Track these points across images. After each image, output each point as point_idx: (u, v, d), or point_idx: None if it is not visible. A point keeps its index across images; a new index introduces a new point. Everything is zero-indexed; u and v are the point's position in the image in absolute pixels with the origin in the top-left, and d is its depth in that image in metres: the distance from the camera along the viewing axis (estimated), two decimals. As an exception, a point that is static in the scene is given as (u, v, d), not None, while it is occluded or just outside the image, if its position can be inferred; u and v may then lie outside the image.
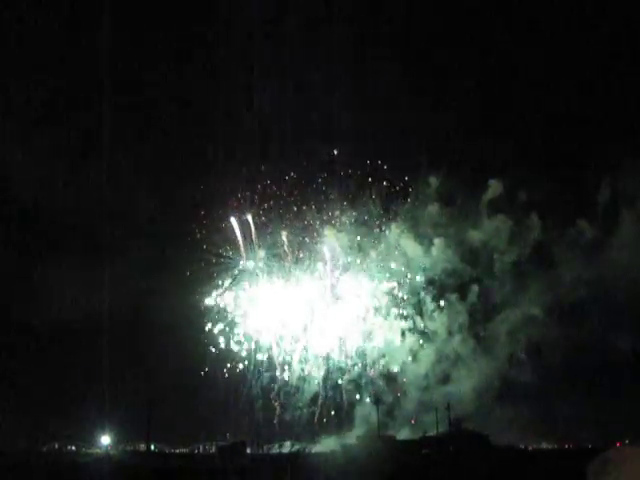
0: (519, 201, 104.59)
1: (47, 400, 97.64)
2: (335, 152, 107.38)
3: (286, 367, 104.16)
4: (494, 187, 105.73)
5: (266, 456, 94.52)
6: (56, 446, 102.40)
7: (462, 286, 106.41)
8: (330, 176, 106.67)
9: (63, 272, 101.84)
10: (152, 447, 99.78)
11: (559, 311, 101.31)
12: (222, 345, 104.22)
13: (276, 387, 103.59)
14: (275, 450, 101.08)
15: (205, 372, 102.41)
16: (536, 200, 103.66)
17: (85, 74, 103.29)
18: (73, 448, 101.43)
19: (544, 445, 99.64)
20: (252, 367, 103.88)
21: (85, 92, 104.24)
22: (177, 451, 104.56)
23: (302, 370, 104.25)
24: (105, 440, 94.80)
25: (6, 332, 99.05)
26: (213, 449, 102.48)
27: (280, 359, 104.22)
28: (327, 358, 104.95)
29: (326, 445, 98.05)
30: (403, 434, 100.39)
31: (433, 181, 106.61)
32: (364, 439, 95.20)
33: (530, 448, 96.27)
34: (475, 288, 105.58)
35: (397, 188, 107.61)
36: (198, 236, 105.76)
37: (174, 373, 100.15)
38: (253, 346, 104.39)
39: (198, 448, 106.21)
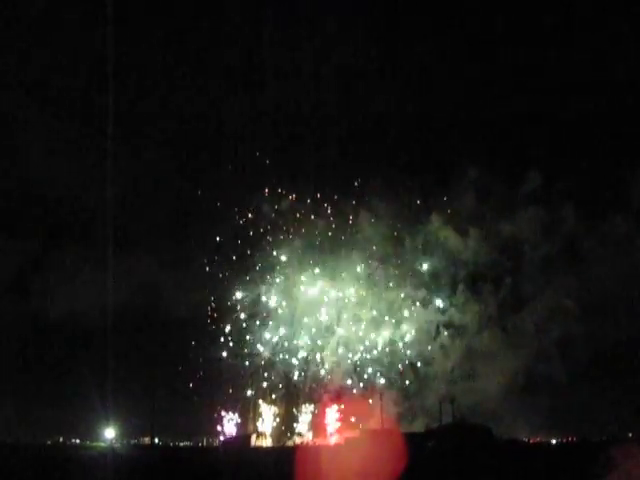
0: (555, 193, 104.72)
1: (51, 394, 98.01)
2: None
3: (316, 356, 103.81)
4: (532, 178, 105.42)
5: (270, 449, 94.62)
6: (60, 439, 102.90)
7: (495, 278, 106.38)
8: (368, 165, 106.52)
9: (74, 265, 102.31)
10: (156, 440, 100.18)
11: (589, 305, 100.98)
12: (247, 338, 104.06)
13: (301, 378, 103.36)
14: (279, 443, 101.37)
15: (216, 365, 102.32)
16: (572, 192, 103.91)
17: (107, 66, 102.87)
18: (77, 441, 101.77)
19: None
20: (278, 359, 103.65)
21: (106, 83, 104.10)
22: (181, 444, 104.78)
23: (333, 362, 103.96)
24: (109, 433, 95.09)
25: (14, 324, 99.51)
26: (217, 443, 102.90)
27: (311, 352, 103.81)
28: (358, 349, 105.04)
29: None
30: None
31: (471, 171, 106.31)
32: (367, 432, 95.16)
33: (532, 441, 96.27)
34: (508, 280, 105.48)
35: (436, 178, 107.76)
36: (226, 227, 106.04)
37: (181, 366, 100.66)
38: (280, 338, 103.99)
39: (202, 441, 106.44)
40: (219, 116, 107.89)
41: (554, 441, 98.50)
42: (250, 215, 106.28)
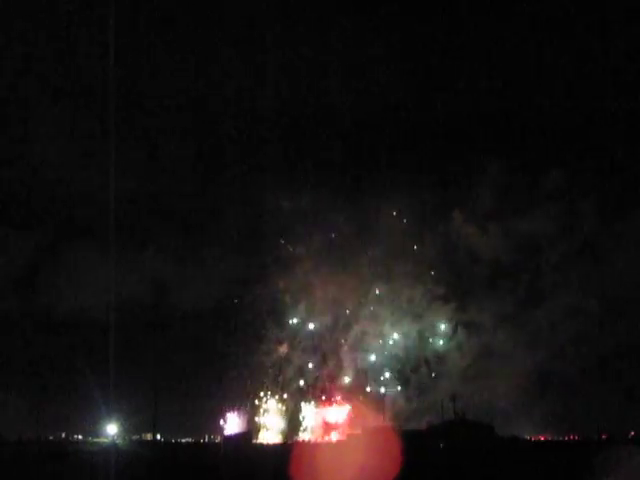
0: (576, 191, 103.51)
1: (54, 390, 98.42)
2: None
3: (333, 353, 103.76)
4: (553, 176, 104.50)
5: (271, 446, 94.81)
6: (63, 435, 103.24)
7: (513, 276, 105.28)
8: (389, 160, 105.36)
9: (81, 262, 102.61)
10: (158, 437, 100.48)
11: (605, 305, 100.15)
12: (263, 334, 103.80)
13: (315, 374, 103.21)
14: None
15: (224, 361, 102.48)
16: (592, 190, 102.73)
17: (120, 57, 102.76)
18: (80, 437, 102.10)
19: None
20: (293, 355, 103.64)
21: (119, 74, 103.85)
22: (183, 441, 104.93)
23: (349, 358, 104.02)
24: (111, 429, 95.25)
25: (20, 320, 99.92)
26: (218, 439, 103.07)
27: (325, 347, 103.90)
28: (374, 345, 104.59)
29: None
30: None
31: (493, 168, 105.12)
32: (369, 430, 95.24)
33: (533, 439, 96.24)
34: (525, 278, 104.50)
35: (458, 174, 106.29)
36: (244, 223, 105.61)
37: (186, 362, 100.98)
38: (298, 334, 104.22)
39: (203, 438, 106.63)
40: (237, 111, 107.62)
41: (555, 439, 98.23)
42: (269, 210, 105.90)
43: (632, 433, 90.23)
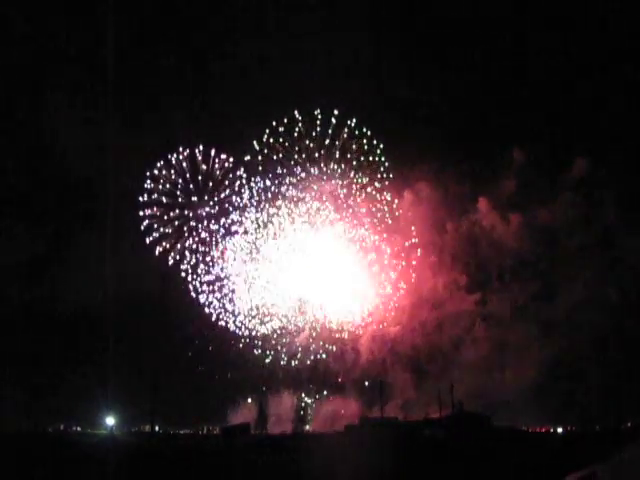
0: (598, 182, 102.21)
1: (52, 381, 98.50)
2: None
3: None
4: (578, 166, 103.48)
5: (269, 437, 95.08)
6: (61, 427, 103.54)
7: (531, 267, 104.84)
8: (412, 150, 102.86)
9: (79, 253, 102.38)
10: (156, 428, 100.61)
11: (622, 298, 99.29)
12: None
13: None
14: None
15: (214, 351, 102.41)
16: (613, 182, 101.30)
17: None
18: (78, 429, 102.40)
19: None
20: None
21: (137, 59, 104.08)
22: (181, 432, 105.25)
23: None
24: (110, 421, 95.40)
25: (14, 312, 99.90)
26: (217, 430, 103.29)
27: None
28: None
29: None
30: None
31: (518, 156, 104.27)
32: (366, 421, 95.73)
33: (530, 430, 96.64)
34: (544, 269, 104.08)
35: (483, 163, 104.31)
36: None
37: (181, 353, 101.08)
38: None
39: (202, 429, 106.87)
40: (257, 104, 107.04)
41: (552, 431, 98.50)
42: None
43: (628, 424, 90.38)
